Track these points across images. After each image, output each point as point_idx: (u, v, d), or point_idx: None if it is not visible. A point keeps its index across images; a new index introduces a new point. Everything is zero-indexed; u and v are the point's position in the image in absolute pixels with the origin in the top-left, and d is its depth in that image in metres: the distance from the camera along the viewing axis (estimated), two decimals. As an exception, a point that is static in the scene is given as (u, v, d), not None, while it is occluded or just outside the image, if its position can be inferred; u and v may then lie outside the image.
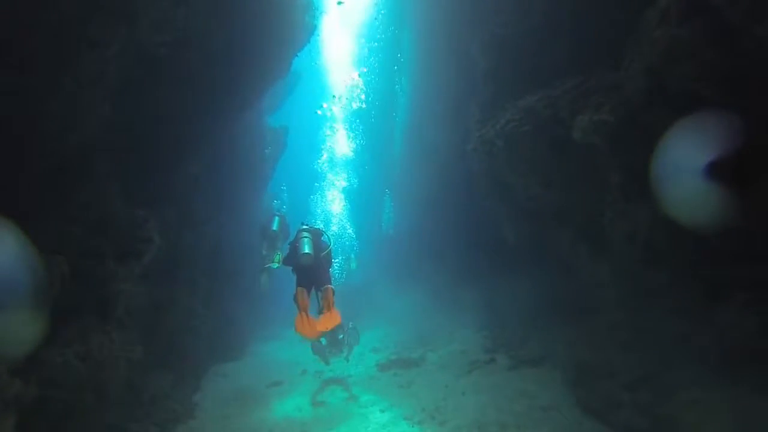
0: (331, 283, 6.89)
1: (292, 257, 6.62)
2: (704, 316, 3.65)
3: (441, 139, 11.32)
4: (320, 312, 6.73)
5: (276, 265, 8.17)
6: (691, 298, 3.75)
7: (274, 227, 8.39)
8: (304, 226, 7.03)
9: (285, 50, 8.57)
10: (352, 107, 22.59)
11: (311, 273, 6.59)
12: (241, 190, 12.25)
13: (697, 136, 3.31)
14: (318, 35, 20.48)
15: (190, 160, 7.94)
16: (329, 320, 6.23)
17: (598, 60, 4.71)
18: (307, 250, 6.47)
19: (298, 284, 6.63)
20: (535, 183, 6.08)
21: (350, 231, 23.67)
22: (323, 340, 10.18)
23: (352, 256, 22.16)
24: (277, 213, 9.49)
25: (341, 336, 10.30)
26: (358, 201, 24.94)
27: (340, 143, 24.83)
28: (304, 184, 25.65)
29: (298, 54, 9.37)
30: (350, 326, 10.20)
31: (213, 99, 7.33)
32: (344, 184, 25.30)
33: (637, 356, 4.76)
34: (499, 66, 6.75)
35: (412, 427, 5.98)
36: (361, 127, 23.22)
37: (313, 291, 7.16)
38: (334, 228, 22.94)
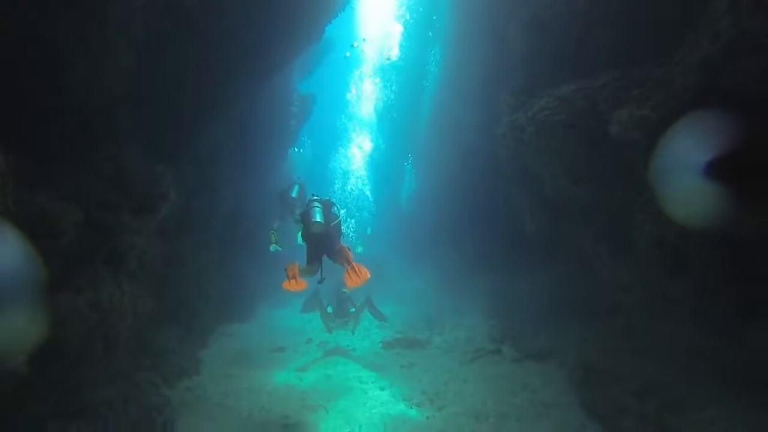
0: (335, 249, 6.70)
1: (305, 227, 6.50)
2: (731, 332, 3.47)
3: (468, 119, 11.01)
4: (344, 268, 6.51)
5: (275, 246, 8.13)
6: (719, 313, 3.56)
7: (293, 194, 8.34)
8: (315, 197, 6.92)
9: (319, 16, 8.32)
10: (383, 57, 21.86)
11: (321, 243, 6.49)
12: (263, 156, 12.19)
13: (697, 134, 3.32)
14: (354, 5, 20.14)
15: (215, 121, 7.86)
16: (357, 276, 6.01)
17: (645, 53, 4.42)
18: (318, 219, 6.37)
19: (309, 259, 6.50)
20: (563, 175, 5.85)
21: (368, 196, 23.58)
22: (329, 309, 10.25)
23: (370, 230, 22.21)
24: (297, 181, 9.40)
25: (352, 309, 10.36)
26: (380, 166, 24.67)
27: (366, 96, 24.32)
28: (327, 144, 25.52)
29: (332, 21, 9.09)
30: (365, 300, 10.23)
31: (242, 60, 7.19)
32: (368, 144, 25.07)
33: (651, 364, 4.61)
34: (536, 50, 6.44)
35: (410, 408, 5.97)
36: (389, 83, 22.54)
37: (324, 260, 6.99)
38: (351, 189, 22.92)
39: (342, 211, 7.14)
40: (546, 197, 6.92)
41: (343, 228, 7.59)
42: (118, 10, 3.87)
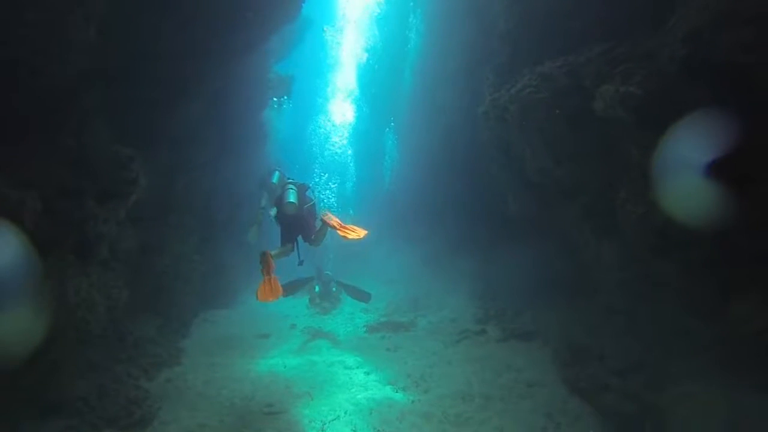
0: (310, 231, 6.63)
1: (279, 209, 6.44)
2: (713, 311, 3.46)
3: (450, 98, 10.85)
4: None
5: (254, 236, 7.98)
6: (702, 293, 3.55)
7: (274, 180, 8.16)
8: (290, 180, 6.86)
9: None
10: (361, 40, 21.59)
11: (296, 224, 6.44)
12: (242, 136, 11.87)
13: (698, 133, 3.25)
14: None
15: (189, 100, 7.55)
16: (355, 232, 6.01)
17: (634, 26, 4.29)
18: (292, 199, 6.34)
19: (283, 240, 6.43)
20: (546, 154, 5.76)
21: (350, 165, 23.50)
22: (317, 288, 10.22)
23: (352, 210, 22.08)
24: (278, 168, 9.19)
25: (334, 289, 10.33)
26: (362, 139, 24.43)
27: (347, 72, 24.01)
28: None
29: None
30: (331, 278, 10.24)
31: (216, 37, 6.87)
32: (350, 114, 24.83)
33: (633, 343, 4.63)
34: (520, 27, 6.28)
35: (396, 392, 5.94)
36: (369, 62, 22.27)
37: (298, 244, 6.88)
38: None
39: (315, 196, 7.13)
40: (528, 177, 6.84)
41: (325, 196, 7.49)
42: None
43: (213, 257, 10.25)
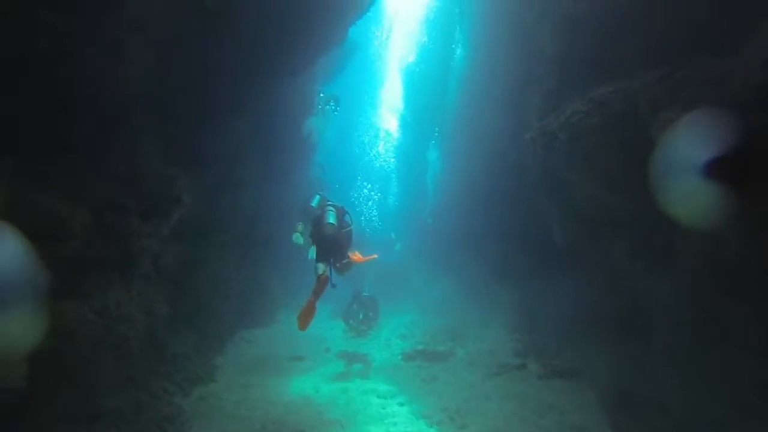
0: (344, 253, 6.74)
1: (316, 228, 6.51)
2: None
3: (493, 123, 10.68)
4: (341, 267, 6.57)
5: (299, 236, 7.97)
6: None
7: (314, 204, 8.13)
8: (330, 203, 6.91)
9: (343, 16, 8.18)
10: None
11: (332, 245, 6.47)
12: (286, 157, 12.11)
13: (697, 134, 3.29)
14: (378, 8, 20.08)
15: (235, 120, 7.77)
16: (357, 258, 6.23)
17: (694, 52, 4.06)
18: (331, 220, 6.43)
19: (318, 258, 6.49)
20: (596, 183, 5.49)
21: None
22: (361, 315, 10.23)
23: (394, 234, 22.08)
24: (319, 192, 9.11)
25: (371, 314, 10.28)
26: (405, 160, 24.60)
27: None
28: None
29: (356, 23, 8.94)
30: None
31: (265, 60, 7.09)
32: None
33: (698, 394, 4.19)
34: (569, 52, 6.11)
35: (430, 427, 5.69)
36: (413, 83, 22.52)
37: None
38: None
39: (352, 221, 7.21)
40: (575, 206, 6.56)
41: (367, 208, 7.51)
42: (132, 6, 3.75)
43: (252, 276, 10.38)
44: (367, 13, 9.82)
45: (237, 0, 5.80)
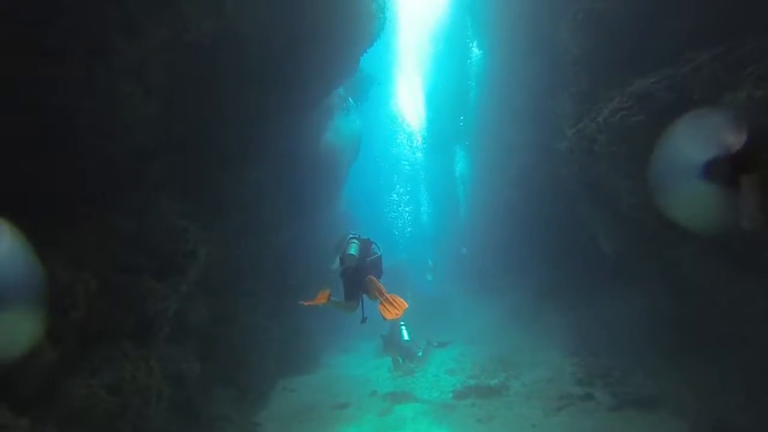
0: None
1: (341, 262, 6.26)
2: None
3: (521, 137, 10.23)
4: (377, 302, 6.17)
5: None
6: None
7: (352, 251, 7.13)
8: (353, 235, 6.63)
9: (352, 46, 8.05)
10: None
11: (357, 277, 6.12)
12: (313, 196, 11.92)
13: (696, 135, 3.29)
14: (389, 39, 20.21)
15: (254, 163, 7.61)
16: (394, 307, 5.62)
17: (746, 25, 3.56)
18: (352, 252, 6.19)
19: (347, 296, 6.19)
20: (647, 186, 4.93)
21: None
22: (400, 360, 9.73)
23: (431, 261, 21.51)
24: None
25: (420, 353, 9.73)
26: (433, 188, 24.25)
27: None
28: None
29: (367, 51, 8.79)
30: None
31: (276, 98, 6.94)
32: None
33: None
34: (596, 48, 5.68)
35: (495, 478, 5.05)
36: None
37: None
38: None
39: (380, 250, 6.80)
40: (624, 214, 5.98)
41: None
42: (128, 53, 3.57)
43: (289, 322, 10.02)
44: (379, 43, 9.75)
45: (239, 41, 5.63)
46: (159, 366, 3.95)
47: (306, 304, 6.06)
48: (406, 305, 5.79)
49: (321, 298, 6.09)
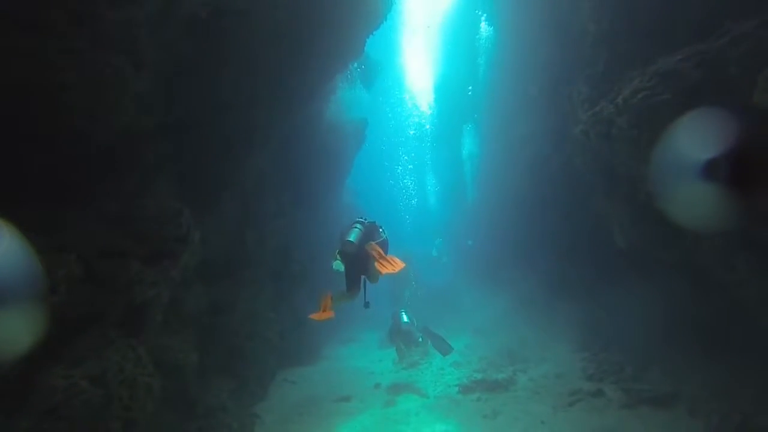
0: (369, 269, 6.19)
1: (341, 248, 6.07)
2: None
3: (533, 126, 9.88)
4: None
5: (339, 264, 7.16)
6: None
7: (351, 238, 6.89)
8: (359, 219, 6.47)
9: (358, 27, 7.70)
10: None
11: (357, 264, 5.90)
12: (317, 184, 11.65)
13: (696, 134, 3.28)
14: (396, 26, 19.78)
15: (255, 150, 7.34)
16: (389, 264, 5.58)
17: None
18: (350, 238, 5.99)
19: (348, 283, 6.11)
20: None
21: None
22: (403, 346, 9.45)
23: (436, 251, 21.21)
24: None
25: (420, 339, 9.48)
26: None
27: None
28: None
29: (373, 34, 8.45)
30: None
31: (279, 82, 6.66)
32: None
33: None
34: (617, 25, 5.34)
35: (501, 478, 4.82)
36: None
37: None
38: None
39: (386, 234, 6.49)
40: (642, 204, 5.67)
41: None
42: (118, 27, 3.31)
43: (291, 312, 9.82)
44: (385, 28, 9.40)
45: (241, 20, 5.34)
46: (150, 356, 3.73)
47: (317, 317, 5.81)
48: (404, 264, 5.60)
49: (326, 306, 5.84)
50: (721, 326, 5.04)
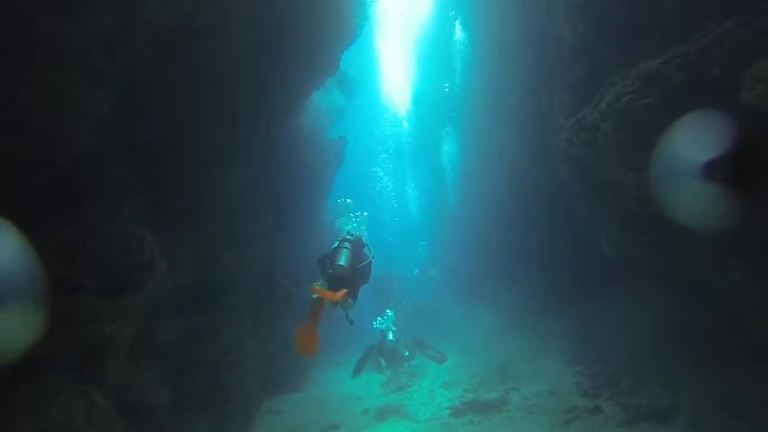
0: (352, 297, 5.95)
1: (326, 265, 6.02)
2: None
3: (512, 136, 9.81)
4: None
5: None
6: None
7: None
8: (348, 236, 6.36)
9: (332, 44, 7.57)
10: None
11: (342, 284, 5.65)
12: (300, 205, 11.37)
13: (696, 135, 3.30)
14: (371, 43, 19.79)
15: (235, 170, 7.08)
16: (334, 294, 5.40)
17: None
18: (341, 263, 5.87)
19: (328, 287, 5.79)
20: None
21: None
22: (383, 362, 9.12)
23: (417, 270, 20.93)
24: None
25: (407, 353, 9.20)
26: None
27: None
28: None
29: (347, 49, 8.32)
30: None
31: (253, 99, 6.45)
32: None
33: None
34: (594, 32, 5.28)
35: None
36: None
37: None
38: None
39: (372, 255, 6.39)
40: (629, 211, 5.55)
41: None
42: (67, 37, 3.05)
43: (276, 336, 9.43)
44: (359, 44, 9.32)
45: (212, 35, 5.14)
46: (112, 400, 3.37)
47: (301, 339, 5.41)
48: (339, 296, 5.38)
49: (315, 316, 5.49)
50: (714, 335, 4.89)
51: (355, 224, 7.08)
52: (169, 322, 5.42)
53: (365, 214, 7.13)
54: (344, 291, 5.53)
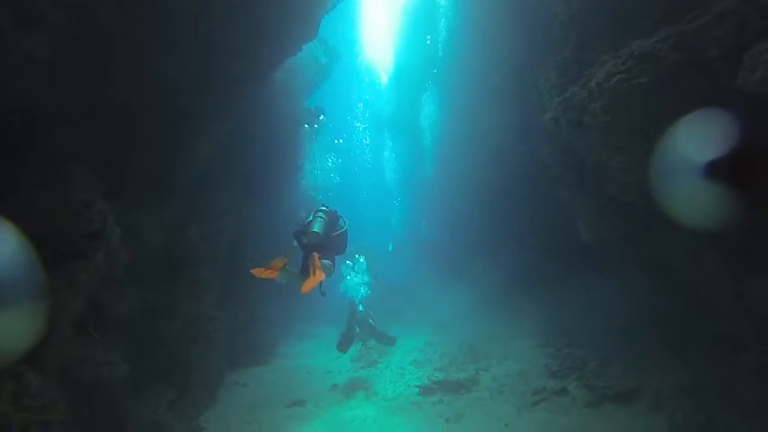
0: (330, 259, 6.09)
1: (302, 239, 5.97)
2: None
3: (496, 116, 9.56)
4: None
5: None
6: None
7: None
8: (323, 208, 6.32)
9: (311, 8, 7.09)
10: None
11: (318, 252, 5.85)
12: (271, 177, 10.97)
13: (697, 135, 3.26)
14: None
15: (202, 140, 6.68)
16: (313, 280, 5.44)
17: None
18: (316, 229, 5.89)
19: (303, 268, 5.94)
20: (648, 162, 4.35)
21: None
22: (357, 329, 9.09)
23: (391, 246, 20.78)
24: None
25: (372, 321, 9.17)
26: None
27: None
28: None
29: (326, 15, 7.83)
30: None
31: (222, 64, 6.00)
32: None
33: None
34: (588, 8, 5.03)
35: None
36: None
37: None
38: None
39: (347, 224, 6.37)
40: (612, 196, 5.45)
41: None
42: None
43: (241, 311, 9.19)
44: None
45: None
46: (54, 378, 3.09)
47: (258, 273, 5.47)
48: (322, 278, 5.47)
49: (275, 267, 5.67)
50: (686, 323, 4.89)
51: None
52: (127, 294, 5.11)
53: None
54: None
